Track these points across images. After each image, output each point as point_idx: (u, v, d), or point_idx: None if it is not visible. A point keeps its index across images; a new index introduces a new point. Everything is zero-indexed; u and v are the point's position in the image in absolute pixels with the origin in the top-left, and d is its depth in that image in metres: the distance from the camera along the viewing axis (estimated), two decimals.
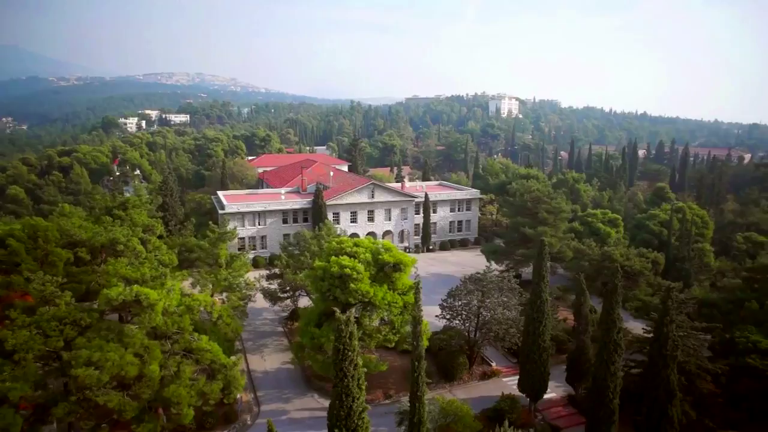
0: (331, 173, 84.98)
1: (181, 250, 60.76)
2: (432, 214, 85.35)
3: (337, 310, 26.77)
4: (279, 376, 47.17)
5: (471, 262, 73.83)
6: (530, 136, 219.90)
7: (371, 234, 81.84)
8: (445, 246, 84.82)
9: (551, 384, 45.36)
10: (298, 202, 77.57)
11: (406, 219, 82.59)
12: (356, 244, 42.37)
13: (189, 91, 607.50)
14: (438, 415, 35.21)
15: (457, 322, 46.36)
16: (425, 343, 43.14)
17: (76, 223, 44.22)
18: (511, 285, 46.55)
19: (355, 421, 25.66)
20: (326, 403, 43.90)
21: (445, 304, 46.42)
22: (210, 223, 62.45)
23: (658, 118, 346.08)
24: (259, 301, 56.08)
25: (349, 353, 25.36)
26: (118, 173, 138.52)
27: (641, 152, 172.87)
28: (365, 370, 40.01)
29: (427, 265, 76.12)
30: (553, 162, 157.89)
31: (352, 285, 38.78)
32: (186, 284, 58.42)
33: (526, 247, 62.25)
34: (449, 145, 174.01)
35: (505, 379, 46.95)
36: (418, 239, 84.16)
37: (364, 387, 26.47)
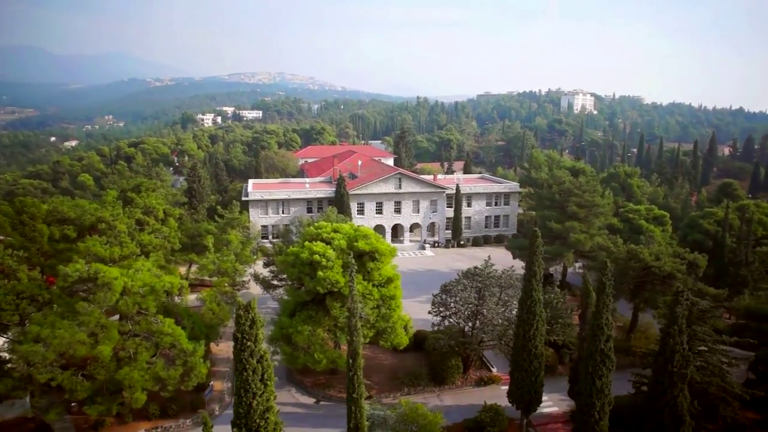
0: (359, 162, 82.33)
1: (194, 235, 60.73)
2: (466, 208, 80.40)
3: (240, 298, 23.79)
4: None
5: (502, 259, 68.04)
6: (601, 133, 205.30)
7: (398, 226, 78.44)
8: (478, 242, 79.46)
9: (555, 397, 40.21)
10: (323, 191, 75.59)
11: (435, 212, 78.17)
12: (335, 230, 39.31)
13: (268, 90, 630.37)
14: (398, 423, 31.21)
15: (452, 320, 42.09)
16: (405, 341, 39.77)
17: (66, 202, 44.45)
18: (512, 282, 41.46)
19: (256, 420, 22.60)
20: (301, 398, 41.80)
21: (436, 299, 42.22)
22: (218, 209, 61.77)
23: (756, 114, 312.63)
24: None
25: (249, 343, 22.36)
26: (177, 163, 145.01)
27: (726, 149, 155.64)
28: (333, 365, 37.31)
29: (452, 261, 71.56)
30: (621, 158, 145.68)
31: (320, 273, 35.76)
32: (194, 268, 58.33)
33: (552, 244, 56.26)
34: (509, 140, 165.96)
35: (504, 387, 41.63)
36: (450, 233, 79.48)
37: (271, 383, 23.34)
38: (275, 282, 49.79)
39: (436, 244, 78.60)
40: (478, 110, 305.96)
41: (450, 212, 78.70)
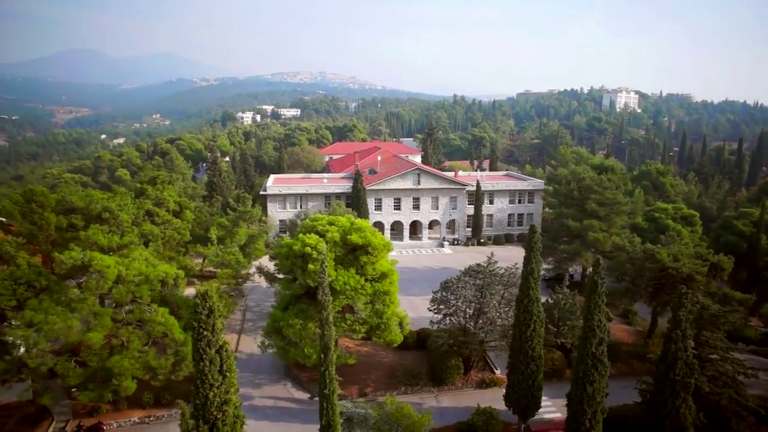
0: (379, 158, 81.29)
1: (209, 227, 61.20)
2: (488, 206, 78.26)
3: (198, 286, 23.17)
4: (261, 361, 44.65)
5: (521, 258, 66.03)
6: (643, 131, 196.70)
7: (416, 223, 77.04)
8: (499, 240, 77.10)
9: (559, 403, 37.92)
10: (341, 187, 75.01)
11: (455, 208, 76.29)
12: (330, 223, 38.45)
13: (309, 89, 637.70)
14: (381, 422, 30.04)
15: (453, 318, 40.53)
16: (399, 338, 38.53)
17: (78, 192, 45.31)
18: (515, 280, 39.54)
19: (213, 413, 21.90)
20: (296, 393, 41.15)
21: (436, 296, 40.75)
22: (230, 202, 62.04)
23: None
24: None
25: (206, 333, 21.67)
26: (210, 159, 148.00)
27: None
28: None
29: (470, 259, 69.05)
30: (661, 157, 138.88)
31: (311, 266, 34.97)
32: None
33: (571, 243, 53.76)
34: (544, 138, 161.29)
35: None
36: (471, 231, 77.48)
37: (231, 374, 22.58)
38: (279, 275, 49.37)
39: (456, 242, 76.72)
40: (517, 109, 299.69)
41: (471, 209, 76.73)
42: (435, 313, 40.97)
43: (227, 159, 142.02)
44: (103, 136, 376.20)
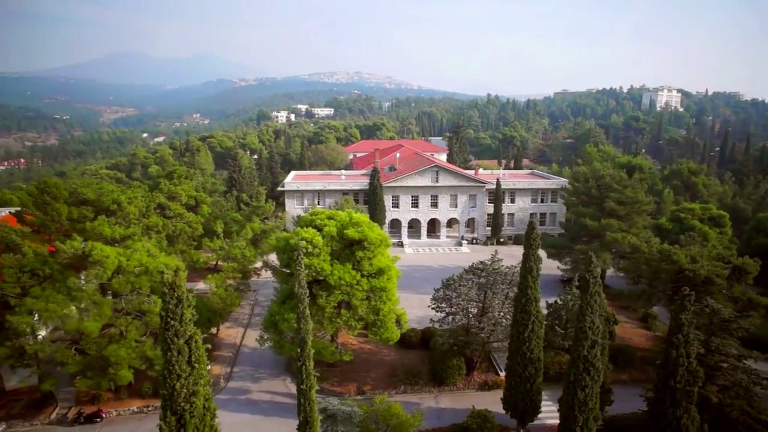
0: (398, 155, 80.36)
1: (227, 221, 61.77)
2: (509, 204, 76.28)
3: (166, 271, 22.92)
4: (263, 355, 44.48)
5: (545, 259, 63.92)
6: (684, 131, 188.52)
7: (434, 221, 75.76)
8: (520, 240, 74.78)
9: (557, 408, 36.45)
10: (359, 183, 74.46)
11: (474, 207, 74.61)
12: (330, 217, 37.87)
13: (345, 89, 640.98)
14: (367, 421, 29.24)
15: (456, 317, 39.32)
16: (395, 336, 37.62)
17: (92, 185, 46.24)
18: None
19: (181, 404, 21.58)
20: (294, 389, 40.59)
21: (437, 295, 39.62)
22: (243, 197, 62.34)
23: None
24: None
25: (173, 322, 21.39)
26: (231, 156, 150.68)
27: None
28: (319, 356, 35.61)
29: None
30: (701, 157, 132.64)
31: (305, 259, 34.43)
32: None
33: (588, 243, 51.62)
34: (577, 138, 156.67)
35: None
36: (490, 230, 75.70)
37: (200, 365, 22.17)
38: (285, 270, 49.19)
39: (475, 241, 75.05)
40: (552, 108, 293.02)
41: (491, 208, 74.91)
42: (436, 311, 39.87)
43: (255, 156, 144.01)
44: (145, 135, 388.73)
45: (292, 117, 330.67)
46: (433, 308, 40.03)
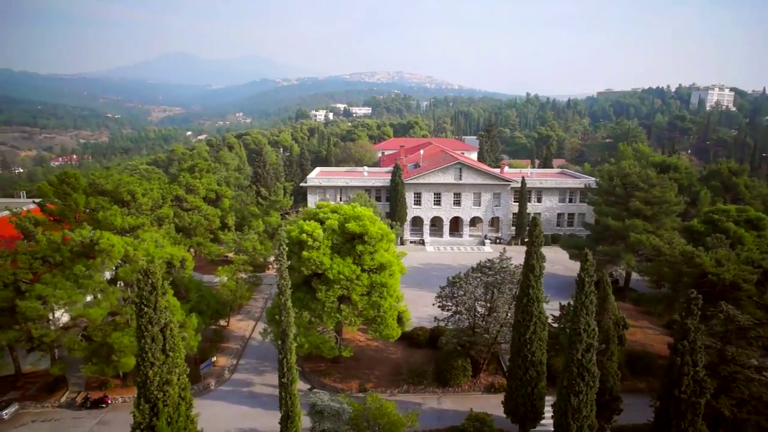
0: (421, 152, 79.22)
1: (246, 215, 62.39)
2: (536, 204, 74.02)
3: (141, 259, 22.82)
4: (270, 348, 44.23)
5: (567, 260, 61.59)
6: (735, 131, 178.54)
7: (457, 219, 74.27)
8: (546, 241, 72.43)
9: None
10: (381, 180, 73.80)
11: (498, 206, 72.71)
12: (333, 211, 37.36)
13: (386, 88, 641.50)
14: (357, 418, 28.52)
15: (461, 317, 38.11)
16: (396, 333, 36.75)
17: (112, 177, 47.30)
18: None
19: (154, 392, 21.41)
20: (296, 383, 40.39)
21: (443, 293, 38.48)
22: (262, 191, 62.71)
23: None
24: None
25: (147, 309, 21.20)
26: (257, 152, 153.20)
27: None
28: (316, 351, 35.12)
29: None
30: (751, 158, 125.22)
31: (305, 253, 34.18)
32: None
33: (612, 244, 49.30)
34: (617, 137, 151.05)
35: None
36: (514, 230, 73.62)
37: (175, 354, 21.96)
38: (288, 262, 49.08)
39: (498, 241, 73.13)
40: (595, 108, 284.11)
41: (517, 208, 72.82)
42: (442, 310, 38.74)
43: (286, 153, 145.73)
44: (189, 133, 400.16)
45: (331, 116, 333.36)
46: (438, 306, 38.93)
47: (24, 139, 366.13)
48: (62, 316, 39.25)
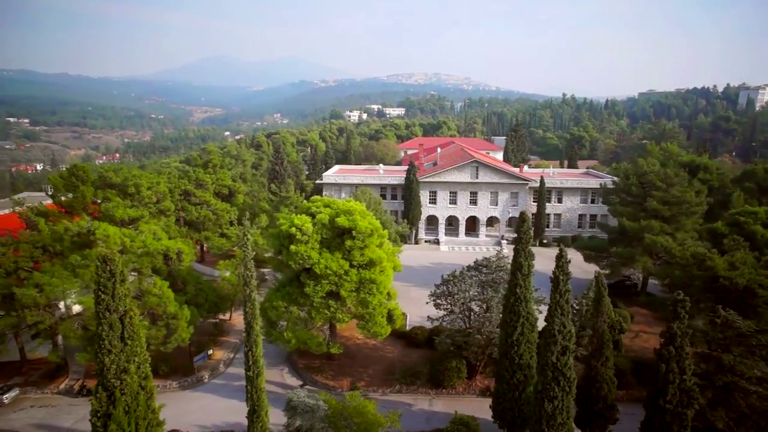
0: (439, 150, 77.84)
1: (257, 211, 62.64)
2: (556, 204, 71.59)
3: (103, 247, 22.68)
4: (268, 344, 44.18)
5: (583, 262, 59.12)
6: None
7: (474, 219, 72.56)
8: (565, 242, 69.60)
9: None
10: (396, 178, 72.88)
11: (516, 205, 70.60)
12: (326, 205, 36.74)
13: (422, 90, 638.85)
14: (333, 416, 27.73)
15: (455, 316, 36.84)
16: (386, 331, 35.93)
17: (116, 167, 48.17)
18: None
19: (111, 380, 21.24)
20: (289, 380, 40.13)
21: (437, 291, 37.31)
22: (272, 186, 62.74)
23: None
24: None
25: (104, 297, 21.08)
26: (274, 149, 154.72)
27: None
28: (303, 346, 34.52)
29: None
30: None
31: (293, 247, 33.72)
32: None
33: (626, 246, 46.98)
34: (653, 138, 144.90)
35: None
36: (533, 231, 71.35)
37: (135, 343, 21.77)
38: (278, 257, 48.81)
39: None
40: (635, 109, 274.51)
41: (536, 208, 70.55)
42: (437, 309, 37.58)
43: (310, 151, 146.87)
44: (227, 133, 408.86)
45: (365, 116, 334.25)
46: (433, 305, 37.78)
47: (74, 139, 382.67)
48: (73, 305, 40.18)
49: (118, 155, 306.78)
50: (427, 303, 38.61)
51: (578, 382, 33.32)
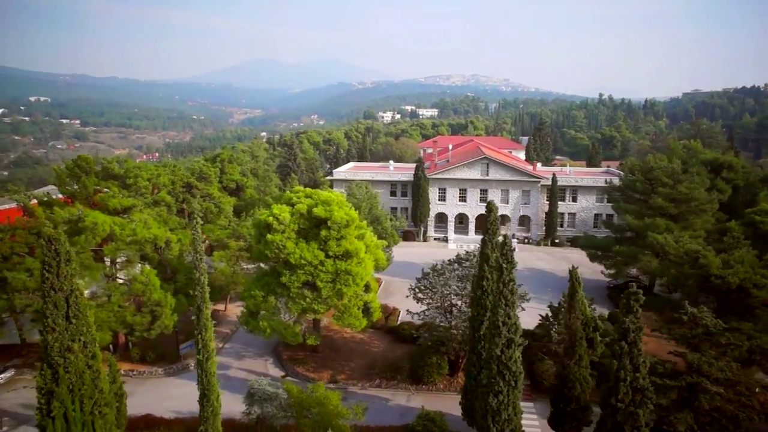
0: (450, 146, 76.74)
1: (261, 204, 63.24)
2: (570, 203, 69.43)
3: (48, 228, 23.02)
4: (257, 336, 44.36)
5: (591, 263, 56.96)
6: None
7: (483, 217, 71.03)
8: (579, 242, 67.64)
9: (542, 425, 31.92)
10: (406, 174, 72.28)
11: (527, 204, 68.76)
12: (308, 195, 36.59)
13: (459, 91, 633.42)
14: (295, 405, 27.52)
15: (434, 311, 36.01)
16: (361, 324, 35.43)
17: (119, 159, 49.44)
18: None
19: (55, 358, 21.58)
20: (272, 370, 40.21)
21: (419, 285, 36.55)
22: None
23: None
24: None
25: (49, 275, 21.44)
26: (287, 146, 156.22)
27: None
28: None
29: (534, 260, 62.14)
30: None
31: (269, 236, 33.73)
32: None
33: (630, 244, 45.04)
34: (690, 138, 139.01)
35: None
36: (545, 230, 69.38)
37: (80, 322, 22.05)
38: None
39: (527, 241, 69.20)
40: (676, 109, 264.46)
41: (548, 206, 68.59)
42: (418, 303, 36.84)
43: (341, 151, 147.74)
44: (263, 134, 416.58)
45: (398, 117, 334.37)
46: (414, 299, 37.06)
47: (120, 139, 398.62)
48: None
49: (157, 154, 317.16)
50: (407, 297, 37.90)
51: (551, 382, 32.29)
